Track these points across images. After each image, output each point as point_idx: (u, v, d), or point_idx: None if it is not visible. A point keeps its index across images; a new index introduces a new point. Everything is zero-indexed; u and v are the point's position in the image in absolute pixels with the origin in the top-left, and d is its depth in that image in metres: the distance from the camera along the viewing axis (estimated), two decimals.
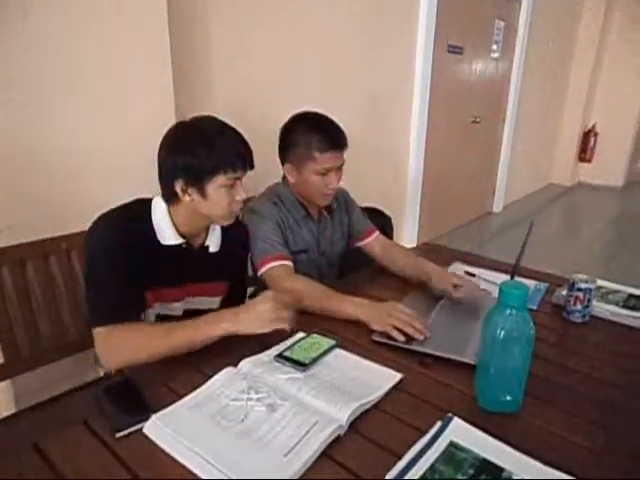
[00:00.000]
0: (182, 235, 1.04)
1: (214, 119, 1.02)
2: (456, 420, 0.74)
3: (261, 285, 1.26)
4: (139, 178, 1.48)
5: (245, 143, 1.02)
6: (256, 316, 0.92)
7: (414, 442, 0.72)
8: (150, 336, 0.93)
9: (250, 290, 1.38)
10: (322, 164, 1.25)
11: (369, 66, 2.62)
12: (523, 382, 0.79)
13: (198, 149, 0.95)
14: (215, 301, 1.19)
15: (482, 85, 3.95)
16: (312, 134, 1.24)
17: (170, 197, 1.01)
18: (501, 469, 0.65)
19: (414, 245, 3.18)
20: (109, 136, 1.42)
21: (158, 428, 0.73)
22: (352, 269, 1.53)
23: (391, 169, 3.08)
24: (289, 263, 1.23)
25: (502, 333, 0.76)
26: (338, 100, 2.19)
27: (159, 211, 1.03)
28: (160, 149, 1.01)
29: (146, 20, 1.44)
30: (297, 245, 1.34)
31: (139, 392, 0.81)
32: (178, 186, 0.98)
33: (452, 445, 0.70)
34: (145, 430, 0.73)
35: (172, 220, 1.03)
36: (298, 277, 1.22)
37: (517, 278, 1.32)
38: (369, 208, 1.82)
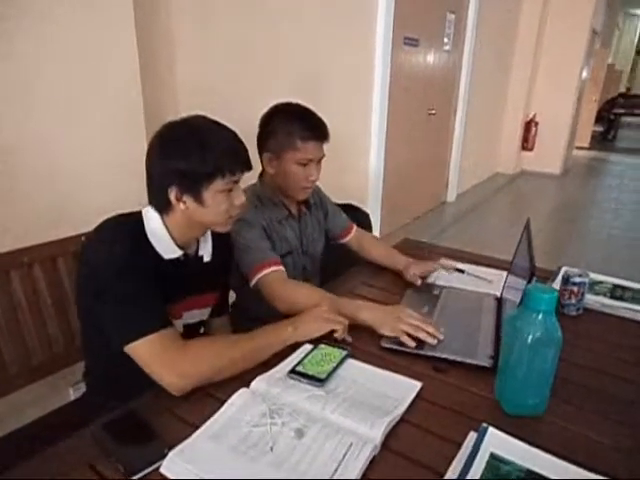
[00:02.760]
0: (179, 247, 0.94)
1: (205, 118, 0.92)
2: (491, 430, 0.72)
3: (246, 292, 1.20)
4: (92, 182, 1.37)
5: (241, 142, 0.93)
6: (313, 317, 0.97)
7: (452, 456, 0.70)
8: (220, 344, 0.90)
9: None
10: (304, 153, 1.20)
11: (332, 59, 2.57)
12: (550, 385, 0.79)
13: (192, 152, 0.86)
14: (206, 312, 1.11)
15: (436, 77, 4.01)
16: (295, 122, 1.20)
17: (163, 206, 0.91)
18: None
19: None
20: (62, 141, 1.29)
21: (177, 466, 0.66)
22: (331, 265, 1.50)
23: (352, 162, 3.06)
24: (281, 268, 1.17)
25: (530, 338, 0.74)
26: (297, 92, 2.13)
27: (154, 223, 0.92)
28: (149, 152, 0.90)
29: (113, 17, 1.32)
30: (282, 248, 1.29)
31: (146, 424, 0.73)
32: (172, 194, 0.88)
33: (493, 457, 0.68)
34: (163, 470, 0.65)
35: (168, 231, 0.93)
36: (295, 283, 1.17)
37: (496, 271, 1.35)
38: (346, 205, 1.78)
